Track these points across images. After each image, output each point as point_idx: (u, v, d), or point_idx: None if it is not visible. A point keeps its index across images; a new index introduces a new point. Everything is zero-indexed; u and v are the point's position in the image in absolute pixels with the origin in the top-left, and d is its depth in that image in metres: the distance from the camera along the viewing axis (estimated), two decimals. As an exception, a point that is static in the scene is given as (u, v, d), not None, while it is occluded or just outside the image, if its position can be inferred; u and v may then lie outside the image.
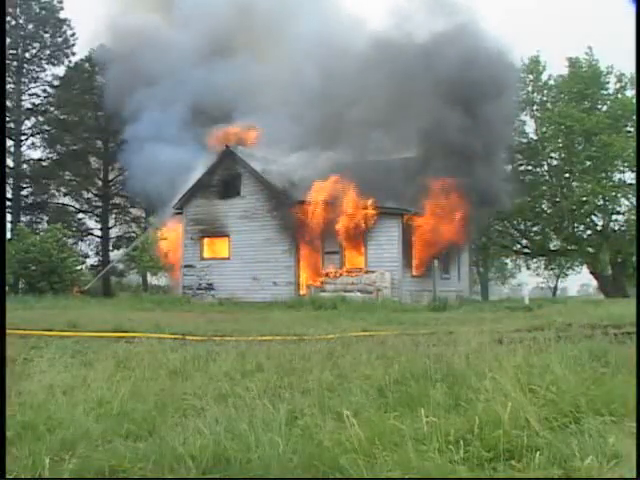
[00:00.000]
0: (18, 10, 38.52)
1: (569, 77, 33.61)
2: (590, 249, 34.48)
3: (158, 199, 27.81)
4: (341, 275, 23.34)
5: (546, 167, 34.57)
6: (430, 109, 22.98)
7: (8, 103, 36.49)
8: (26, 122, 39.92)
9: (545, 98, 34.73)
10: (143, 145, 28.27)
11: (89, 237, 42.86)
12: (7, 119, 36.36)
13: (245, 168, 25.73)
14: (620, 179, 33.11)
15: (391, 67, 24.04)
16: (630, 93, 32.16)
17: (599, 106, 33.29)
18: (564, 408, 4.69)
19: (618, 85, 33.03)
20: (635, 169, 30.82)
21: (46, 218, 40.28)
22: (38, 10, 39.56)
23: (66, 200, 42.13)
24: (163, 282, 33.18)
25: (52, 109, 40.27)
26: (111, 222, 42.72)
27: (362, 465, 3.66)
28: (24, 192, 40.18)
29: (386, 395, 5.38)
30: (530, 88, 34.66)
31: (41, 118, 40.20)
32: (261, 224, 25.20)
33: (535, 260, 41.53)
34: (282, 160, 25.09)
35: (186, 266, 26.84)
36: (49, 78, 40.39)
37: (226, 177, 25.83)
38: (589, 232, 34.78)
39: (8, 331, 6.05)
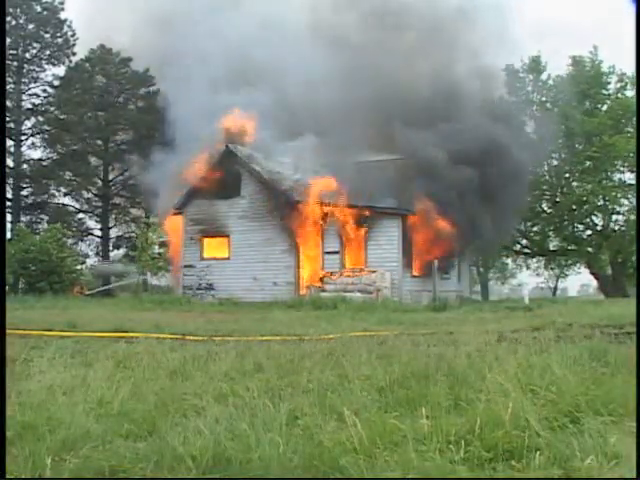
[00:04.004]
0: (18, 10, 38.50)
1: (572, 76, 33.55)
2: (590, 249, 34.49)
3: None
4: (341, 275, 23.34)
5: (546, 167, 34.57)
6: None
7: (8, 103, 36.47)
8: (26, 122, 39.94)
9: (545, 98, 34.74)
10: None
11: (89, 237, 42.88)
12: (7, 119, 36.35)
13: (245, 168, 25.74)
14: (620, 179, 33.13)
15: None
16: (630, 93, 32.18)
17: (599, 106, 33.29)
18: (564, 408, 4.69)
19: (619, 85, 33.04)
20: (635, 169, 30.87)
21: (46, 218, 40.29)
22: (39, 10, 39.56)
23: (66, 200, 42.22)
24: (163, 282, 33.20)
25: (52, 109, 40.27)
26: (111, 222, 42.74)
27: (362, 465, 3.66)
28: (24, 192, 40.19)
29: (386, 395, 5.37)
30: (530, 88, 34.67)
31: (41, 118, 40.22)
32: (261, 224, 25.20)
33: (535, 260, 41.57)
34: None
35: (186, 266, 26.83)
36: (49, 78, 40.46)
37: (226, 177, 25.82)
38: (589, 232, 34.80)
39: (8, 331, 6.05)
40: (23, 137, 40.02)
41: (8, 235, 30.80)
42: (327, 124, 24.12)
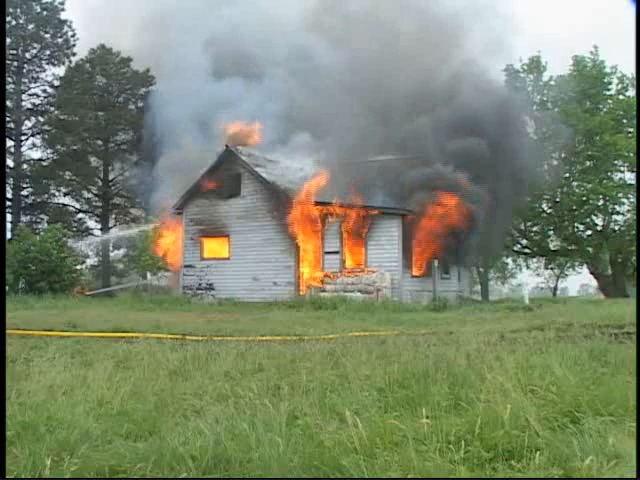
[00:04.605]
0: (18, 10, 38.51)
1: (573, 76, 33.50)
2: (590, 249, 34.48)
3: None
4: (341, 275, 23.33)
5: (546, 167, 34.53)
6: None
7: (8, 103, 36.49)
8: (26, 122, 39.95)
9: (545, 98, 34.72)
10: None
11: (89, 237, 42.88)
12: (7, 119, 36.37)
13: (245, 168, 25.73)
14: (621, 179, 33.12)
15: None
16: (630, 93, 32.17)
17: (600, 106, 33.27)
18: (564, 408, 4.69)
19: (620, 86, 33.02)
20: (635, 169, 30.88)
21: (46, 218, 40.30)
22: (39, 10, 39.56)
23: (66, 200, 42.20)
24: (163, 282, 33.17)
25: (52, 109, 40.29)
26: (111, 222, 42.75)
27: (362, 465, 3.66)
28: (24, 192, 40.20)
29: (386, 395, 5.37)
30: (530, 88, 34.64)
31: (41, 118, 40.24)
32: (261, 224, 25.19)
33: (535, 260, 41.57)
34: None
35: (186, 266, 26.83)
36: (49, 78, 40.51)
37: (226, 177, 25.82)
38: (589, 232, 34.78)
39: (8, 331, 6.06)
40: (23, 137, 40.04)
41: (8, 235, 30.81)
42: (327, 123, 24.14)
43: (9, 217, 37.19)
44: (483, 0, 29.69)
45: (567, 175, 34.11)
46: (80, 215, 42.77)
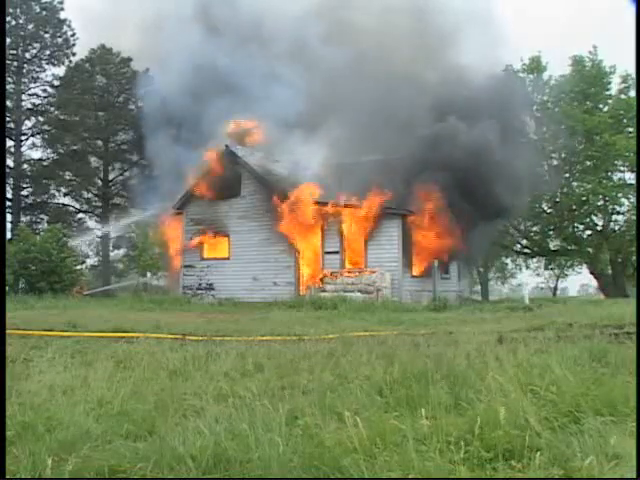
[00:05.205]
0: (18, 10, 38.53)
1: (572, 76, 33.47)
2: (590, 249, 34.49)
3: None
4: (341, 275, 23.32)
5: (546, 167, 34.54)
6: None
7: (8, 103, 36.51)
8: (26, 122, 39.98)
9: (546, 98, 34.72)
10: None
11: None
12: (7, 119, 36.39)
13: (245, 168, 25.72)
14: (620, 179, 33.12)
15: None
16: (631, 93, 32.15)
17: (600, 106, 33.27)
18: (564, 408, 4.69)
19: (622, 85, 33.00)
20: (635, 169, 30.88)
21: (46, 218, 40.32)
22: (38, 10, 39.57)
23: (66, 200, 42.21)
24: (162, 282, 33.16)
25: (52, 109, 40.31)
26: (111, 222, 42.77)
27: (363, 465, 3.66)
28: (24, 192, 40.21)
29: (386, 395, 5.37)
30: (530, 88, 34.63)
31: (41, 118, 40.25)
32: (261, 224, 25.19)
33: (535, 260, 41.58)
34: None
35: (186, 266, 26.83)
36: (49, 78, 40.53)
37: (226, 177, 25.80)
38: (589, 232, 34.79)
39: (8, 331, 6.06)
40: (23, 137, 40.05)
41: (8, 235, 30.80)
42: (327, 122, 24.11)
43: (9, 217, 37.24)
44: (480, 2, 29.74)
45: (567, 175, 34.11)
46: (80, 215, 42.80)
